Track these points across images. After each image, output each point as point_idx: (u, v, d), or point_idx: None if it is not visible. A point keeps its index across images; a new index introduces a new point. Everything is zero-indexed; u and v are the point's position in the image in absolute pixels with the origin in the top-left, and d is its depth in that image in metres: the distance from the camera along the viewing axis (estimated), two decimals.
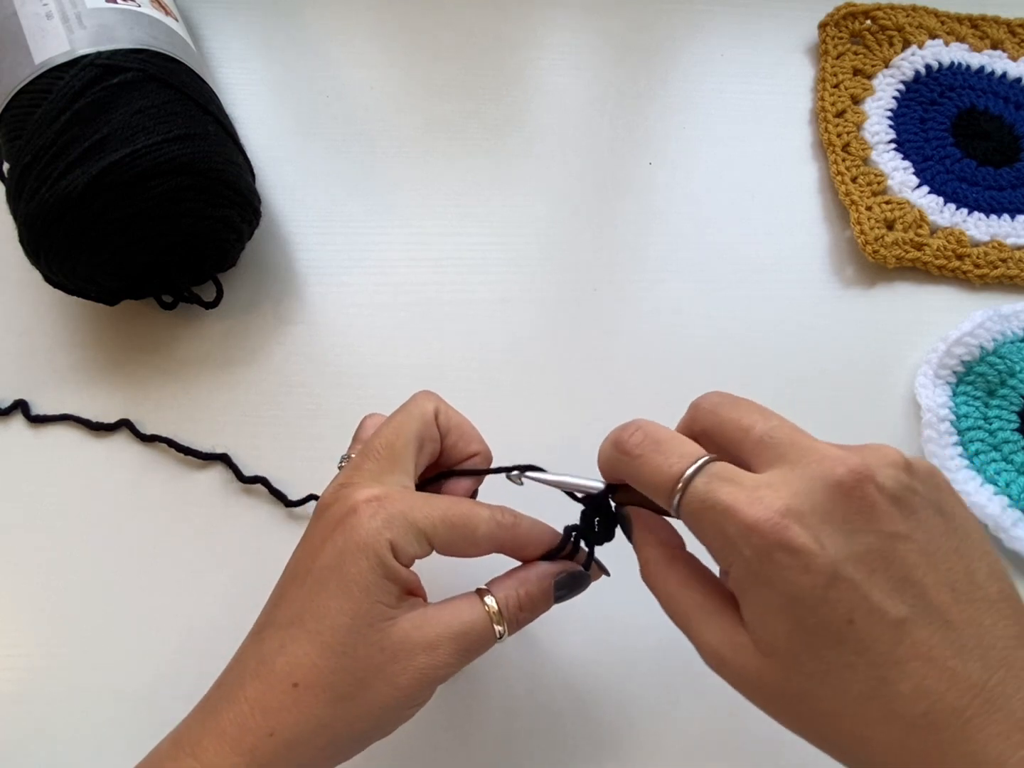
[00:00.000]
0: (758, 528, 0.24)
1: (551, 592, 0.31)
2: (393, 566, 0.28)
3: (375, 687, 0.28)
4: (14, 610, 0.41)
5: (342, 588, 0.28)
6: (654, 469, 0.27)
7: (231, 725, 0.27)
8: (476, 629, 0.29)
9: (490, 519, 0.31)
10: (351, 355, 0.47)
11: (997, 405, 0.46)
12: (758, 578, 0.25)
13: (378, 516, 0.28)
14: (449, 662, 0.29)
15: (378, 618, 0.28)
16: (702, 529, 0.26)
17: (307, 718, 0.27)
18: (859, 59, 0.57)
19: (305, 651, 0.27)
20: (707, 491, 0.26)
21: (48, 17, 0.42)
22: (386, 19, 0.58)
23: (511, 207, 0.52)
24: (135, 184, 0.39)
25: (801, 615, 0.24)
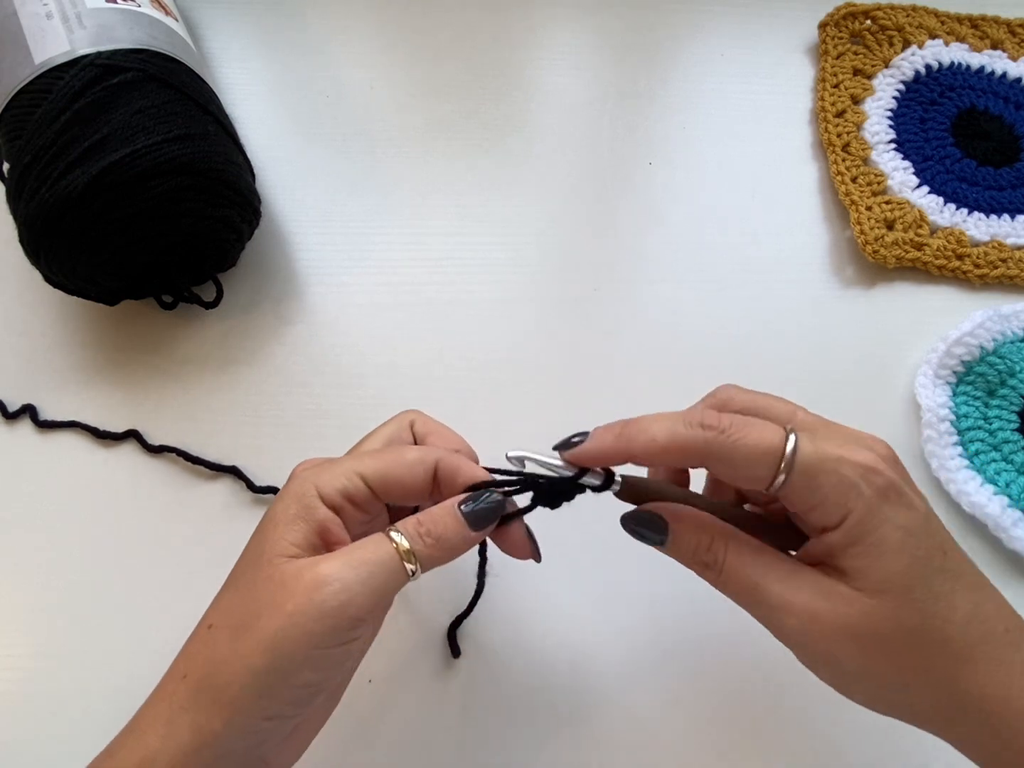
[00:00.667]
0: (875, 470, 0.27)
1: (461, 520, 0.30)
2: (309, 503, 0.29)
3: (265, 616, 0.27)
4: (14, 610, 0.41)
5: (259, 534, 0.29)
6: (756, 440, 0.28)
7: (163, 679, 0.29)
8: (382, 564, 0.28)
9: (418, 450, 0.31)
10: (351, 355, 0.47)
11: (997, 405, 0.46)
12: (878, 516, 0.27)
13: (308, 470, 0.30)
14: (350, 597, 0.27)
15: (277, 552, 0.28)
16: (819, 483, 0.27)
17: (213, 655, 0.28)
18: (859, 59, 0.57)
19: (221, 596, 0.29)
20: (817, 448, 0.28)
21: (48, 17, 0.42)
22: (386, 19, 0.58)
23: (511, 207, 0.52)
24: (135, 184, 0.39)
25: (913, 547, 0.27)
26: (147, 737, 0.27)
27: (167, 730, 0.27)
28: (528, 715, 0.40)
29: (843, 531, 0.27)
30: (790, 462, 0.27)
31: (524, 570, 0.34)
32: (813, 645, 0.28)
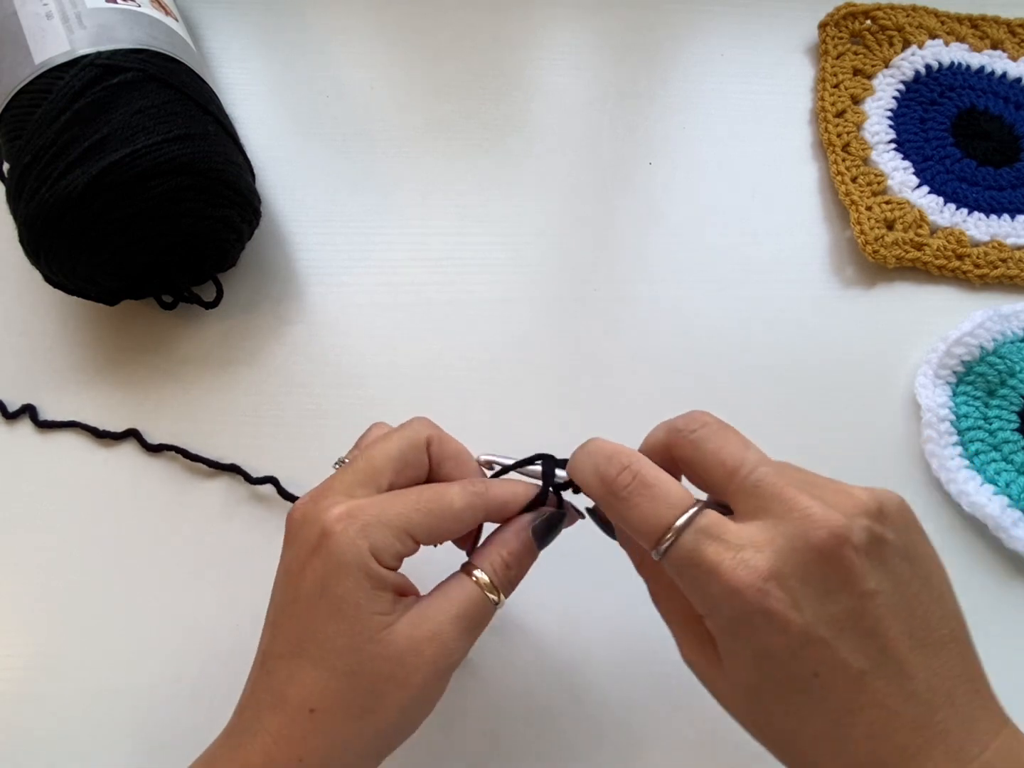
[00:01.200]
0: (741, 594, 0.25)
1: (532, 543, 0.31)
2: (378, 573, 0.28)
3: (390, 695, 0.28)
4: (14, 611, 0.41)
5: (333, 611, 0.28)
6: (643, 516, 0.27)
7: (257, 757, 0.28)
8: (473, 605, 0.29)
9: (462, 491, 0.30)
10: (351, 355, 0.47)
11: (997, 405, 0.46)
12: (735, 635, 0.26)
13: (351, 529, 0.28)
14: (456, 646, 0.29)
15: (376, 629, 0.28)
16: (684, 581, 0.27)
17: (331, 740, 0.28)
18: (859, 59, 0.57)
19: (314, 678, 0.28)
20: (694, 548, 0.26)
21: (48, 17, 0.42)
22: (386, 19, 0.58)
23: (511, 207, 0.52)
24: (135, 184, 0.39)
25: (771, 669, 0.26)
26: None
27: None
28: (529, 716, 0.40)
29: (708, 625, 0.27)
30: (665, 551, 0.27)
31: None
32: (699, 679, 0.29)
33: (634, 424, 0.46)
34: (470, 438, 0.34)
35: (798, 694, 0.26)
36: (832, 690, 0.25)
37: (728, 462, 0.28)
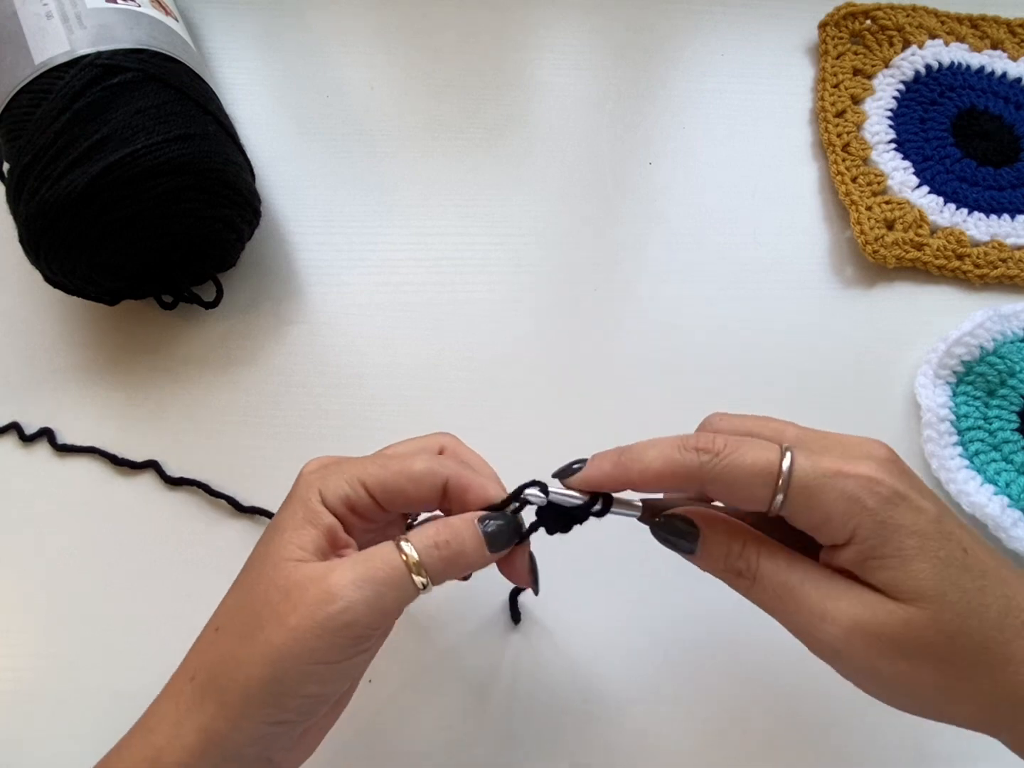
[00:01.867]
0: (875, 480, 0.27)
1: (480, 537, 0.29)
2: (314, 509, 0.29)
3: (268, 626, 0.27)
4: (14, 611, 0.41)
5: (266, 534, 0.29)
6: (752, 460, 0.27)
7: (172, 679, 0.29)
8: (388, 574, 0.27)
9: (426, 458, 0.30)
10: (351, 355, 0.47)
11: (997, 405, 0.46)
12: (888, 526, 0.26)
13: (313, 472, 0.30)
14: (346, 605, 0.26)
15: (283, 557, 0.28)
16: (820, 500, 0.27)
17: (219, 658, 0.28)
18: (859, 59, 0.57)
19: (228, 597, 0.29)
20: (813, 463, 0.27)
21: (48, 17, 0.42)
22: (386, 19, 0.58)
23: (511, 207, 0.52)
24: (135, 184, 0.39)
25: (933, 549, 0.26)
26: (154, 736, 0.27)
27: (174, 730, 0.27)
28: (533, 716, 0.40)
29: (855, 547, 0.27)
30: (787, 480, 0.27)
31: None
32: (855, 655, 0.27)
33: (633, 423, 0.46)
34: (470, 438, 0.34)
35: (965, 572, 0.26)
36: (984, 563, 0.27)
37: (772, 426, 0.30)
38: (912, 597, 0.26)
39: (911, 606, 0.26)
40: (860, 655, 0.27)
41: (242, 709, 0.27)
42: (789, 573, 0.28)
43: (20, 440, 0.44)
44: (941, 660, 0.27)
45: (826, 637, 0.27)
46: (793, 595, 0.28)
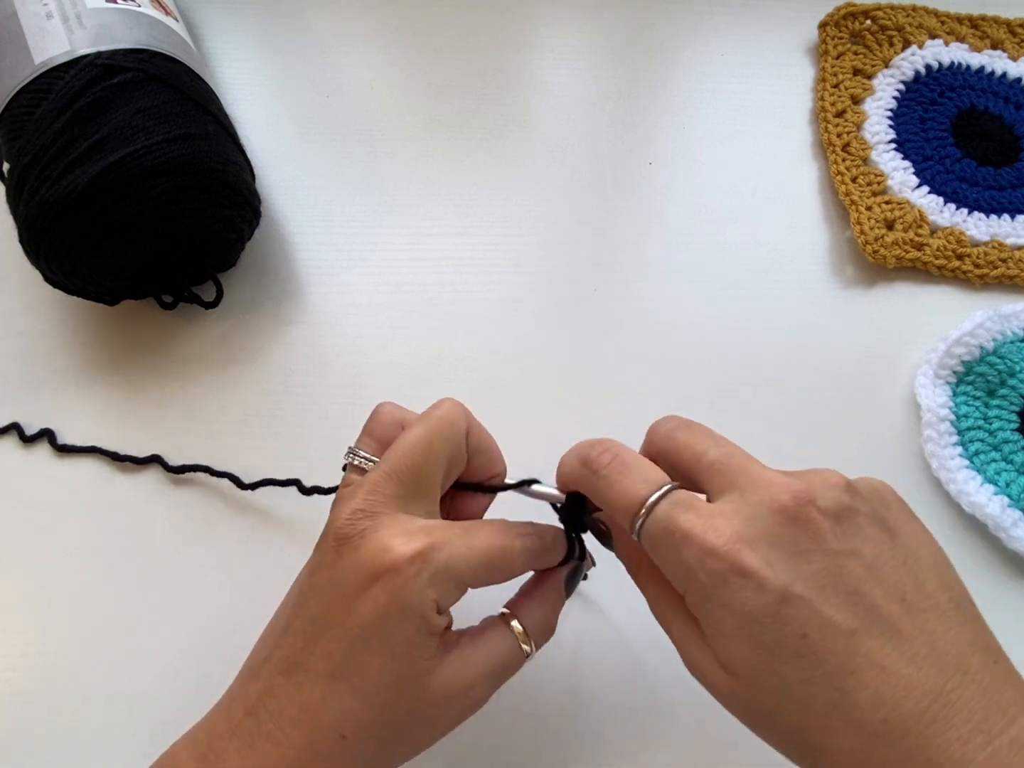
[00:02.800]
0: (714, 553, 0.26)
1: (564, 595, 0.33)
2: (435, 623, 0.28)
3: (418, 731, 0.29)
4: (14, 611, 0.41)
5: (385, 647, 0.28)
6: (620, 492, 0.28)
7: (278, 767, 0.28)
8: (509, 658, 0.30)
9: (523, 551, 0.30)
10: (351, 355, 0.47)
11: (997, 405, 0.46)
12: (714, 601, 0.26)
13: (423, 575, 0.27)
14: (485, 698, 0.30)
15: (419, 672, 0.28)
16: (660, 553, 0.27)
17: (355, 763, 0.28)
18: (859, 59, 0.57)
19: (350, 706, 0.28)
20: (668, 517, 0.27)
21: (48, 17, 0.42)
22: (386, 19, 0.58)
23: (511, 207, 0.52)
24: (135, 184, 0.39)
25: (757, 633, 0.25)
26: None
27: None
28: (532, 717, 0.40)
29: (688, 605, 0.27)
30: (642, 524, 0.27)
31: None
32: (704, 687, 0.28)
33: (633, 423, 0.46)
34: None
35: (793, 660, 0.25)
36: (825, 651, 0.25)
37: (696, 447, 0.29)
38: (731, 671, 0.26)
39: (728, 674, 0.27)
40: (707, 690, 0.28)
41: None
42: (665, 607, 0.30)
43: (20, 440, 0.44)
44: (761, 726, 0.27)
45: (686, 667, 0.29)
46: (665, 626, 0.30)
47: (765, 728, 0.27)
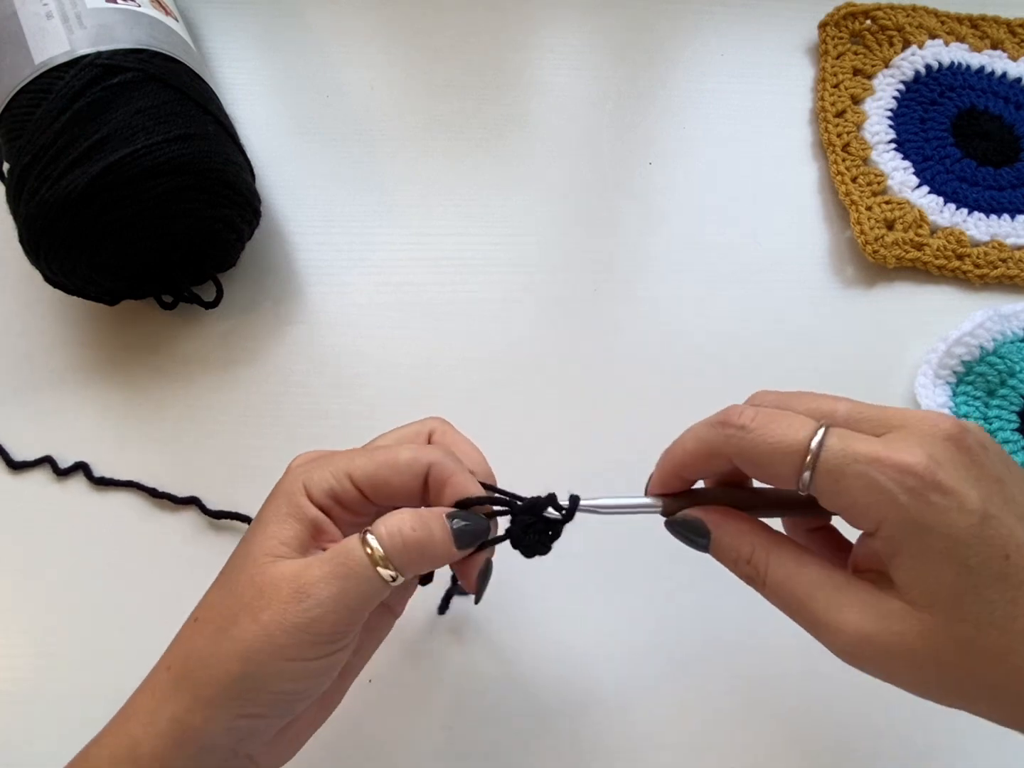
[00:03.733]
0: (913, 470, 0.24)
1: (447, 531, 0.28)
2: (298, 503, 0.28)
3: (242, 622, 0.27)
4: (14, 611, 0.41)
5: (251, 528, 0.29)
6: (780, 436, 0.26)
7: (151, 670, 0.29)
8: (354, 573, 0.27)
9: (412, 447, 0.30)
10: (351, 355, 0.47)
11: (997, 405, 0.46)
12: (917, 524, 0.25)
13: (301, 467, 0.30)
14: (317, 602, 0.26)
15: (266, 552, 0.28)
16: (846, 486, 0.25)
17: (194, 650, 0.28)
18: (859, 59, 0.57)
19: (211, 589, 0.29)
20: (845, 446, 0.25)
21: (48, 17, 0.42)
22: (386, 19, 0.58)
23: (511, 207, 0.52)
24: (135, 184, 0.39)
25: (964, 555, 0.24)
26: (131, 725, 0.27)
27: (150, 719, 0.27)
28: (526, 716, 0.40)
29: (881, 539, 0.25)
30: (814, 461, 0.25)
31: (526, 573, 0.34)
32: (867, 664, 0.26)
33: (633, 423, 0.46)
34: (470, 437, 0.34)
35: (997, 582, 0.24)
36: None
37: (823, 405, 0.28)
38: (928, 603, 0.25)
39: (925, 613, 0.25)
40: (869, 664, 0.26)
41: (214, 702, 0.27)
42: (797, 580, 0.27)
43: (9, 467, 0.44)
44: (954, 669, 0.25)
45: (837, 646, 0.26)
46: (802, 605, 0.27)
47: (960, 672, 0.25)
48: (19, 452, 0.44)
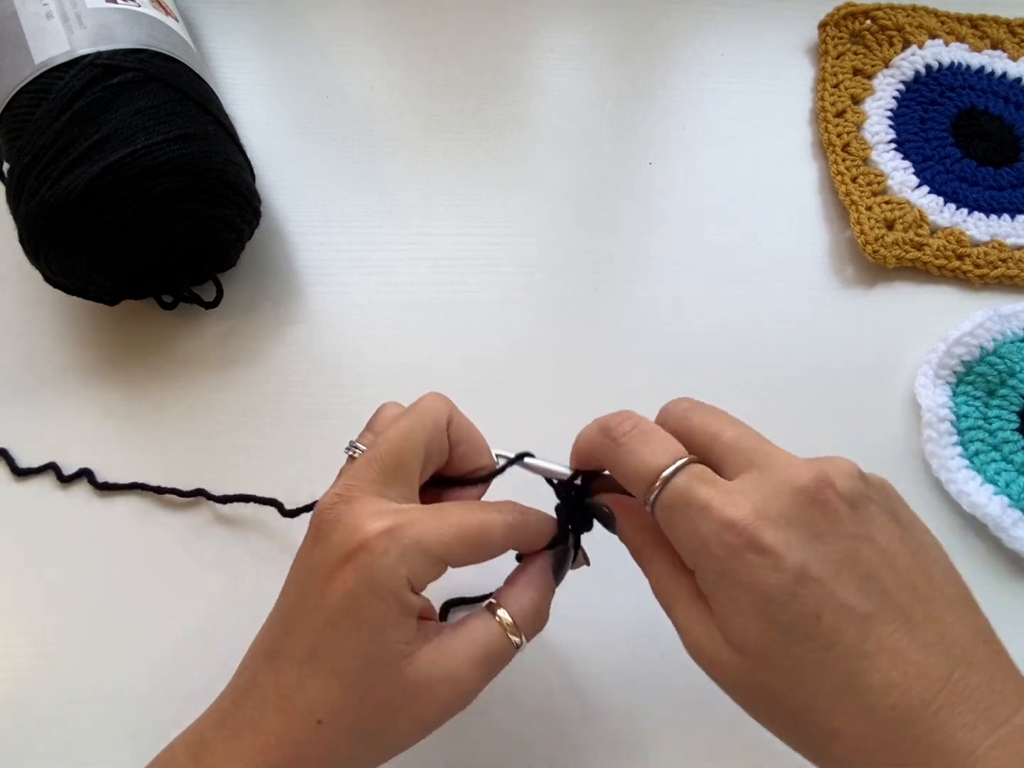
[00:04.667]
0: (732, 527, 0.25)
1: (552, 583, 0.32)
2: (409, 601, 0.28)
3: (398, 725, 0.28)
4: (14, 611, 0.41)
5: (357, 629, 0.27)
6: (639, 460, 0.28)
7: (258, 755, 0.27)
8: (495, 648, 0.29)
9: (503, 525, 0.30)
10: (351, 355, 0.47)
11: (997, 405, 0.46)
12: (728, 577, 0.26)
13: (391, 552, 0.27)
14: (471, 689, 0.29)
15: (395, 656, 0.27)
16: (675, 525, 0.27)
17: (333, 751, 0.28)
18: (859, 59, 0.57)
19: (324, 690, 0.27)
20: (686, 488, 0.27)
21: (48, 17, 0.42)
22: (386, 19, 0.58)
23: (511, 207, 0.52)
24: (135, 184, 0.39)
25: (772, 613, 0.25)
26: None
27: None
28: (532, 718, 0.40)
29: (699, 580, 0.27)
30: (657, 493, 0.27)
31: None
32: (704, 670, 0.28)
33: None
34: None
35: (805, 641, 0.25)
36: (839, 633, 0.24)
37: (710, 428, 0.29)
38: (740, 648, 0.26)
39: (737, 654, 0.26)
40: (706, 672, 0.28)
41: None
42: (667, 585, 0.29)
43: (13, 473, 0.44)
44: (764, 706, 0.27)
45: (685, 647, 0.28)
46: (666, 605, 0.29)
47: (770, 712, 0.27)
48: (18, 452, 0.44)
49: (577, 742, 0.39)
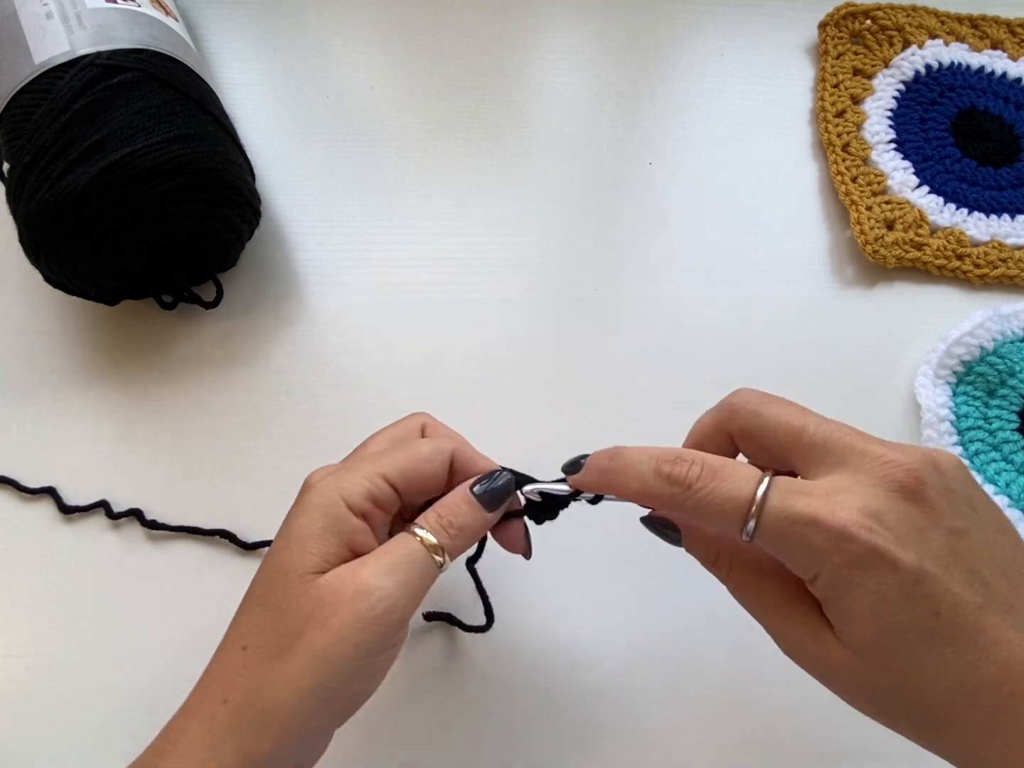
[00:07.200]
0: (846, 533, 0.25)
1: (476, 504, 0.31)
2: (338, 514, 0.28)
3: (308, 635, 0.27)
4: (14, 610, 0.41)
5: (283, 547, 0.29)
6: (722, 497, 0.27)
7: (193, 699, 0.28)
8: (411, 558, 0.29)
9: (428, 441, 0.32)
10: (351, 355, 0.47)
11: (997, 405, 0.46)
12: (849, 583, 0.25)
13: (326, 479, 0.30)
14: (383, 593, 0.28)
15: (310, 567, 0.28)
16: (785, 544, 0.26)
17: (254, 677, 0.27)
18: (859, 59, 0.57)
19: (249, 615, 0.29)
20: (784, 506, 0.26)
21: (48, 17, 0.42)
22: (386, 19, 0.58)
23: (511, 207, 0.52)
24: (135, 184, 0.39)
25: (892, 614, 0.25)
26: (189, 760, 0.27)
27: (211, 753, 0.27)
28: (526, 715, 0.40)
29: (816, 587, 0.27)
30: (756, 523, 0.26)
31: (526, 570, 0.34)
32: (806, 670, 0.28)
33: (633, 422, 0.46)
34: (470, 437, 0.34)
35: (924, 639, 0.25)
36: (957, 628, 0.25)
37: (794, 423, 0.28)
38: (856, 650, 0.26)
39: (850, 652, 0.26)
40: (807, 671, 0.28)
41: (287, 726, 0.27)
42: (753, 590, 0.29)
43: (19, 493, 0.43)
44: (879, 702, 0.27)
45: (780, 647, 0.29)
46: (756, 609, 0.29)
47: (880, 706, 0.27)
48: (17, 450, 0.44)
49: (577, 741, 0.39)
